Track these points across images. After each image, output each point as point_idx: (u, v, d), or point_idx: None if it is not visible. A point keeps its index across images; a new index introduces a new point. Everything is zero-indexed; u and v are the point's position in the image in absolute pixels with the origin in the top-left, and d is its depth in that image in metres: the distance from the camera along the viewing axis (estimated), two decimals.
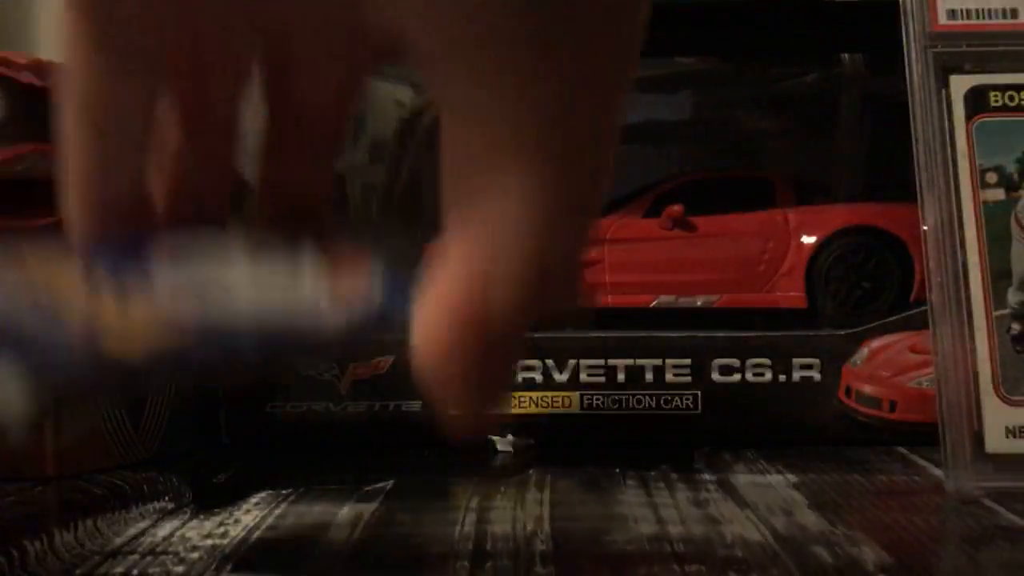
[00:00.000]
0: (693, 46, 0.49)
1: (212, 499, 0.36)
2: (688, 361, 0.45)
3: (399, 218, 0.51)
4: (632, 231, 0.48)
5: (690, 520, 0.35)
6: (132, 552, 0.30)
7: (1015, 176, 0.37)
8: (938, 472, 0.39)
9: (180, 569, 0.29)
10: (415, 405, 0.45)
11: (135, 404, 0.42)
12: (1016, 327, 0.37)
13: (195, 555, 0.30)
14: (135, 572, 0.28)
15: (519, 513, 0.35)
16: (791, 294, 0.48)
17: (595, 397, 0.45)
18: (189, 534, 0.32)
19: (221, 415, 0.45)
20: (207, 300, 0.22)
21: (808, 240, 0.47)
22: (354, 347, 0.38)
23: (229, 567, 0.29)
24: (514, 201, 0.19)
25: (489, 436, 0.45)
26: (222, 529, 0.33)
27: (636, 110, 0.50)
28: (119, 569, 0.29)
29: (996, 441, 0.36)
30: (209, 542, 0.31)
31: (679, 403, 0.45)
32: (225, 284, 0.22)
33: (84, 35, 0.21)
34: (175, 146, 0.24)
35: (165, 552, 0.30)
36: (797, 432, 0.44)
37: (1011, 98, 0.38)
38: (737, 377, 0.45)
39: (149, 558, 0.30)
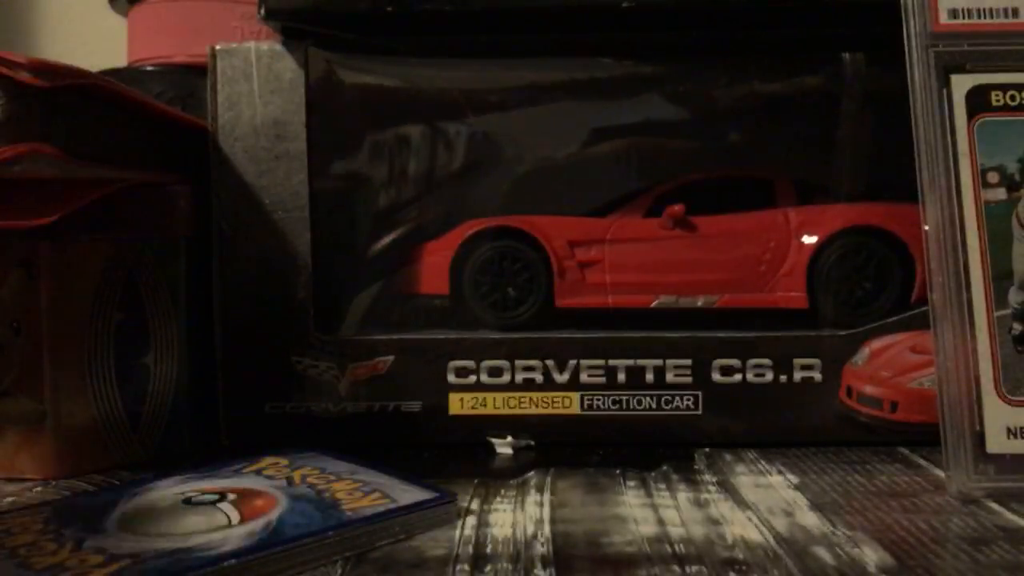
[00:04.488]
0: (693, 45, 0.49)
1: None
2: (689, 361, 0.45)
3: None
4: (632, 231, 0.48)
5: (691, 521, 0.35)
6: None
7: (1016, 176, 0.37)
8: (939, 472, 0.39)
9: None
10: (415, 405, 0.45)
11: (134, 404, 0.42)
12: (1017, 327, 0.37)
13: None
14: None
15: (519, 515, 0.35)
16: (792, 294, 0.47)
17: (595, 398, 0.45)
18: None
19: (220, 415, 0.45)
20: None
21: (809, 240, 0.47)
22: None
23: None
24: None
25: (488, 438, 0.45)
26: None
27: (636, 110, 0.50)
28: None
29: (997, 441, 0.36)
30: None
31: (680, 404, 0.45)
32: None
33: None
34: None
35: None
36: (798, 433, 0.44)
37: (1012, 98, 0.38)
38: (738, 378, 0.44)
39: None
